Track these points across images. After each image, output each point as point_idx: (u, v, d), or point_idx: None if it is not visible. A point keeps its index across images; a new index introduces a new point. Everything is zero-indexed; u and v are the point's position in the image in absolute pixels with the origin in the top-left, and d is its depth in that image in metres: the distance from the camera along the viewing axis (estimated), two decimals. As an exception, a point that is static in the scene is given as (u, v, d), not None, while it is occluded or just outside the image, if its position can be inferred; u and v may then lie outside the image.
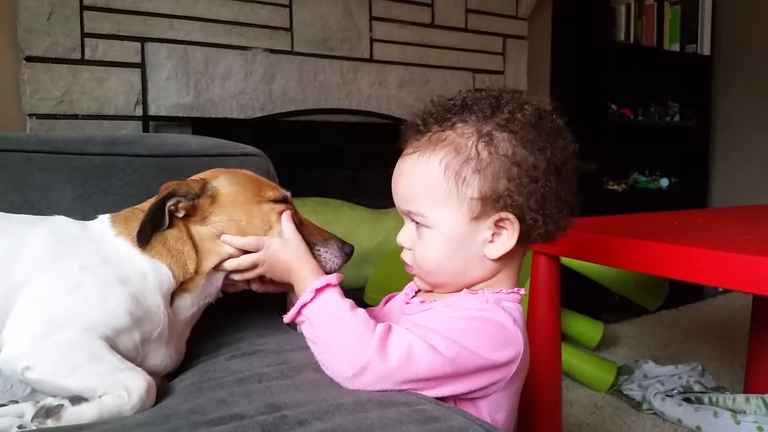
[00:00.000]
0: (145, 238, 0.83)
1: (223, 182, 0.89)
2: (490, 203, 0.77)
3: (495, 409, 0.80)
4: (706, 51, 3.64)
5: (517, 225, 0.78)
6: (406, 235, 0.85)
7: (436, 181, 0.78)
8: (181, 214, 0.85)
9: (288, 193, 0.95)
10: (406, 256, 0.86)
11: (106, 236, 0.83)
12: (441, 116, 0.80)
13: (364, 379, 0.73)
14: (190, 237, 0.86)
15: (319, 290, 0.78)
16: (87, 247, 0.81)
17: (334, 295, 0.78)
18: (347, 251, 0.93)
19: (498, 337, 0.78)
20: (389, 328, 0.75)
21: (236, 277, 0.90)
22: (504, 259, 0.82)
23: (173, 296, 0.85)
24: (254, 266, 0.89)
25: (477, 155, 0.76)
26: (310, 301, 0.77)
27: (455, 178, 0.77)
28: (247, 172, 0.95)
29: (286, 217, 0.91)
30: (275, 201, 0.91)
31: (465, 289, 0.84)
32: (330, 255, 0.92)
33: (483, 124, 0.78)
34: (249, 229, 0.88)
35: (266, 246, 0.87)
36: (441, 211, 0.79)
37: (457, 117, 0.79)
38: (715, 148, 3.81)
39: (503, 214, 0.78)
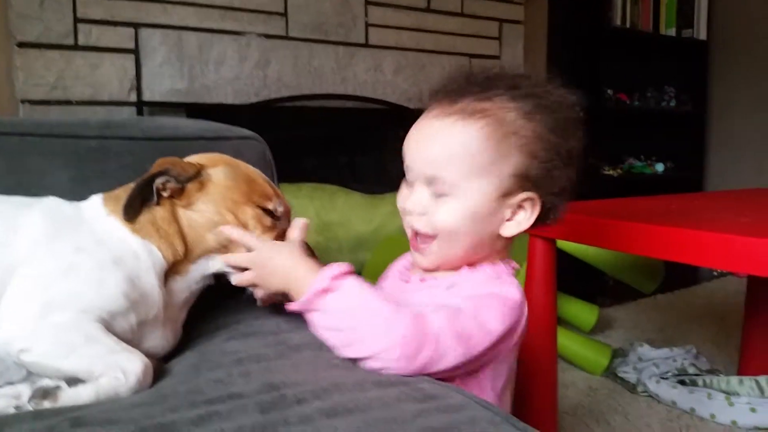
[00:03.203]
0: (131, 212, 0.81)
1: (218, 172, 0.86)
2: (521, 181, 0.78)
3: (496, 376, 0.82)
4: (703, 36, 3.64)
5: (538, 206, 0.80)
6: (417, 201, 0.80)
7: (474, 149, 0.76)
8: (166, 194, 0.83)
9: (285, 208, 0.89)
10: (418, 222, 0.81)
11: (99, 216, 0.82)
12: (481, 86, 0.79)
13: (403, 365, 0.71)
14: (176, 219, 0.84)
15: (336, 277, 0.73)
16: (81, 228, 0.80)
17: (357, 282, 0.74)
18: None
19: (515, 314, 0.78)
20: (419, 319, 0.72)
21: (233, 280, 0.85)
22: (512, 238, 0.83)
23: (166, 278, 0.84)
24: (246, 269, 0.83)
25: (518, 131, 0.77)
26: (327, 290, 0.73)
27: (495, 151, 0.76)
28: (250, 170, 0.91)
29: (300, 224, 0.87)
30: (264, 210, 0.86)
31: (465, 267, 0.84)
32: None
33: (523, 102, 0.78)
34: (204, 229, 0.83)
35: (259, 248, 0.81)
36: (472, 182, 0.77)
37: (496, 90, 0.78)
38: (711, 133, 3.82)
39: (529, 194, 0.79)
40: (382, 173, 2.93)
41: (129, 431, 0.57)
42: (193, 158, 0.88)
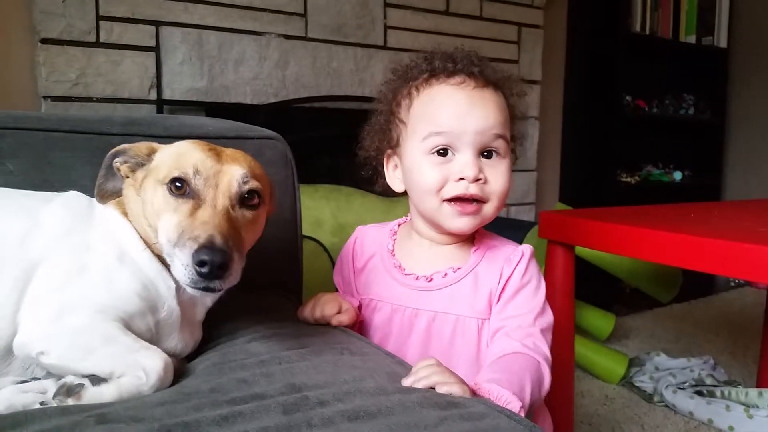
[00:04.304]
0: (97, 191, 0.80)
1: (161, 155, 0.78)
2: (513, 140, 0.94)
3: None
4: (723, 43, 3.60)
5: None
6: (475, 166, 0.87)
7: (507, 115, 0.91)
8: (123, 174, 0.79)
9: (210, 174, 0.73)
10: (474, 188, 0.87)
11: (102, 208, 0.82)
12: (480, 65, 0.91)
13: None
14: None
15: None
16: (90, 222, 0.80)
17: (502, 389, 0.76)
18: (198, 260, 0.65)
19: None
20: (540, 362, 0.85)
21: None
22: None
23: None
24: None
25: (511, 99, 0.93)
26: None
27: (511, 116, 0.92)
28: (189, 144, 0.78)
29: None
30: (173, 183, 0.73)
31: (476, 245, 0.95)
32: (178, 263, 0.68)
33: (502, 79, 0.93)
34: (147, 215, 0.76)
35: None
36: (510, 142, 0.91)
37: (486, 68, 0.91)
38: (730, 141, 3.77)
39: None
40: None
41: (153, 429, 0.57)
42: (156, 146, 0.81)
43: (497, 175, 0.89)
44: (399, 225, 1.05)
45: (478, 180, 0.87)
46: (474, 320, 0.91)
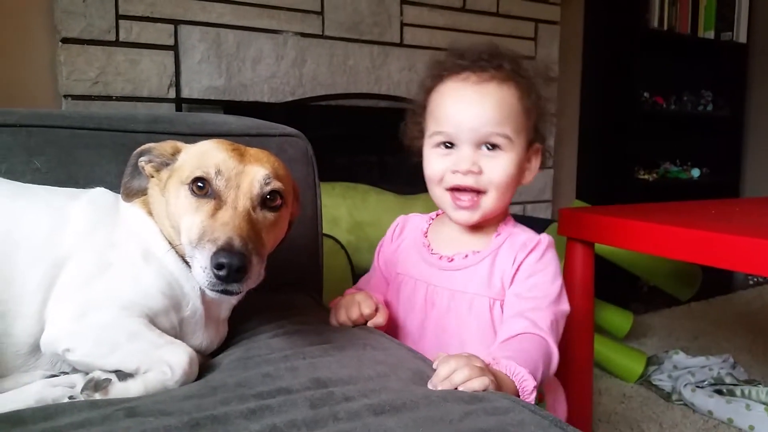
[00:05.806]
0: (123, 189, 0.81)
1: (185, 154, 0.78)
2: (534, 133, 0.97)
3: None
4: (742, 39, 3.56)
5: (540, 154, 1.00)
6: (469, 159, 0.92)
7: (516, 108, 0.93)
8: (147, 173, 0.80)
9: (231, 174, 0.73)
10: (467, 180, 0.92)
11: (127, 206, 0.82)
12: (491, 60, 0.94)
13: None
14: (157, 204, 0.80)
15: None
16: (115, 219, 0.81)
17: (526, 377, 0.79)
18: (216, 263, 0.65)
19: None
20: (550, 344, 0.88)
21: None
22: None
23: None
24: None
25: (534, 91, 0.96)
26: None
27: (526, 108, 0.94)
28: (213, 143, 0.78)
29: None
30: (195, 183, 0.73)
31: (499, 231, 0.99)
32: (197, 265, 0.68)
33: (520, 71, 0.95)
34: (170, 216, 0.76)
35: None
36: (518, 136, 0.93)
37: (504, 62, 0.94)
38: (749, 138, 3.73)
39: (537, 145, 0.99)
40: (415, 173, 2.91)
41: (182, 422, 0.58)
42: (180, 145, 0.82)
43: (494, 166, 0.93)
44: (438, 214, 1.09)
45: (471, 172, 0.92)
46: (486, 299, 0.95)
